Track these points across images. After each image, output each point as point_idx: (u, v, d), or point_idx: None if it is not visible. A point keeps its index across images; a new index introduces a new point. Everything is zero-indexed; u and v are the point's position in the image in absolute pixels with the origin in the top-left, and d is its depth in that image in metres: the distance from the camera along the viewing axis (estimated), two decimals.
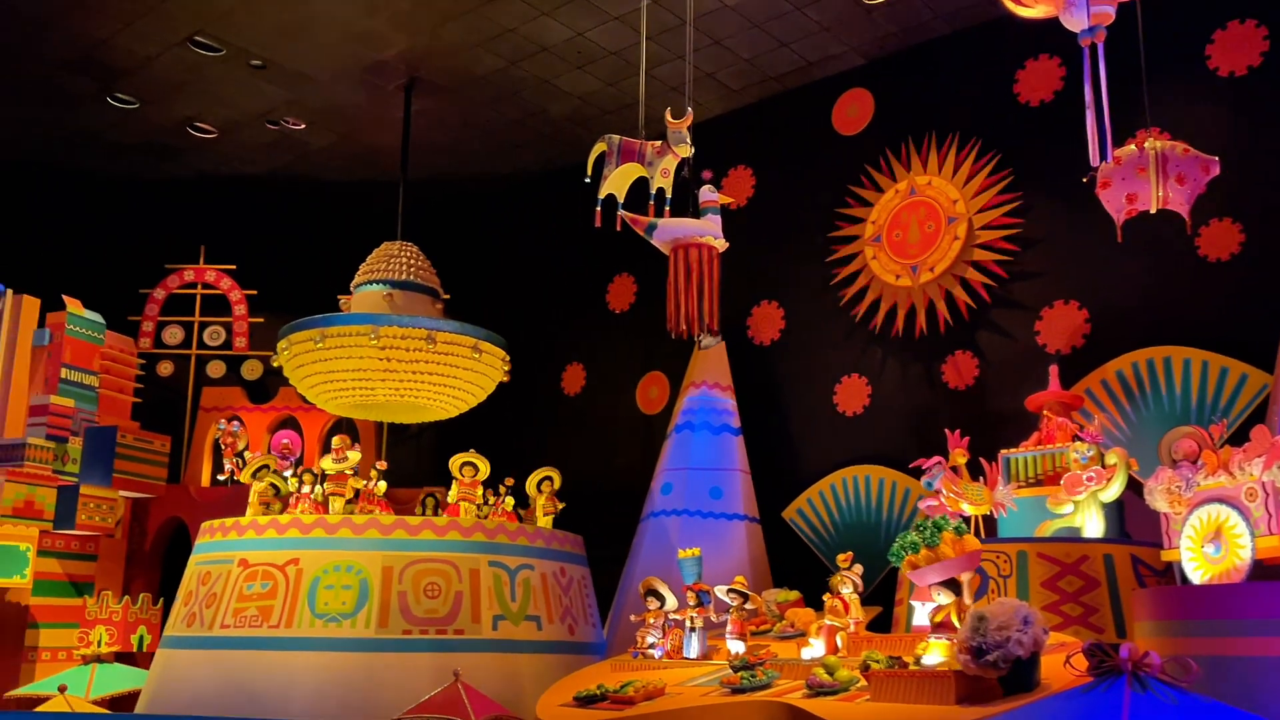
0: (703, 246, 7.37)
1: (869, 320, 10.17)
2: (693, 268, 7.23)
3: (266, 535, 8.86)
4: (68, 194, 13.05)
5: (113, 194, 13.22)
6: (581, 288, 12.56)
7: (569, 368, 12.65)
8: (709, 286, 7.25)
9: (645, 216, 7.39)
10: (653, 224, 7.42)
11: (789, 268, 10.89)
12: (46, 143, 12.22)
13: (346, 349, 9.58)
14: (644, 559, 9.95)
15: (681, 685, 7.28)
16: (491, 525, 9.13)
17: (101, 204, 13.23)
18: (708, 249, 7.39)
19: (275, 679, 8.26)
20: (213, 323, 13.08)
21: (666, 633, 8.31)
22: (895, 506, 9.59)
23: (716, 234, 7.50)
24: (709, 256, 7.35)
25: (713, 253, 7.42)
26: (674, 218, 7.37)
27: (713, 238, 7.45)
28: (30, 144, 12.23)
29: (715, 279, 7.32)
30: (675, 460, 10.28)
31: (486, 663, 8.59)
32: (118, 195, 13.26)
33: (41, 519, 10.48)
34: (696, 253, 7.33)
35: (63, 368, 11.11)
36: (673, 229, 7.38)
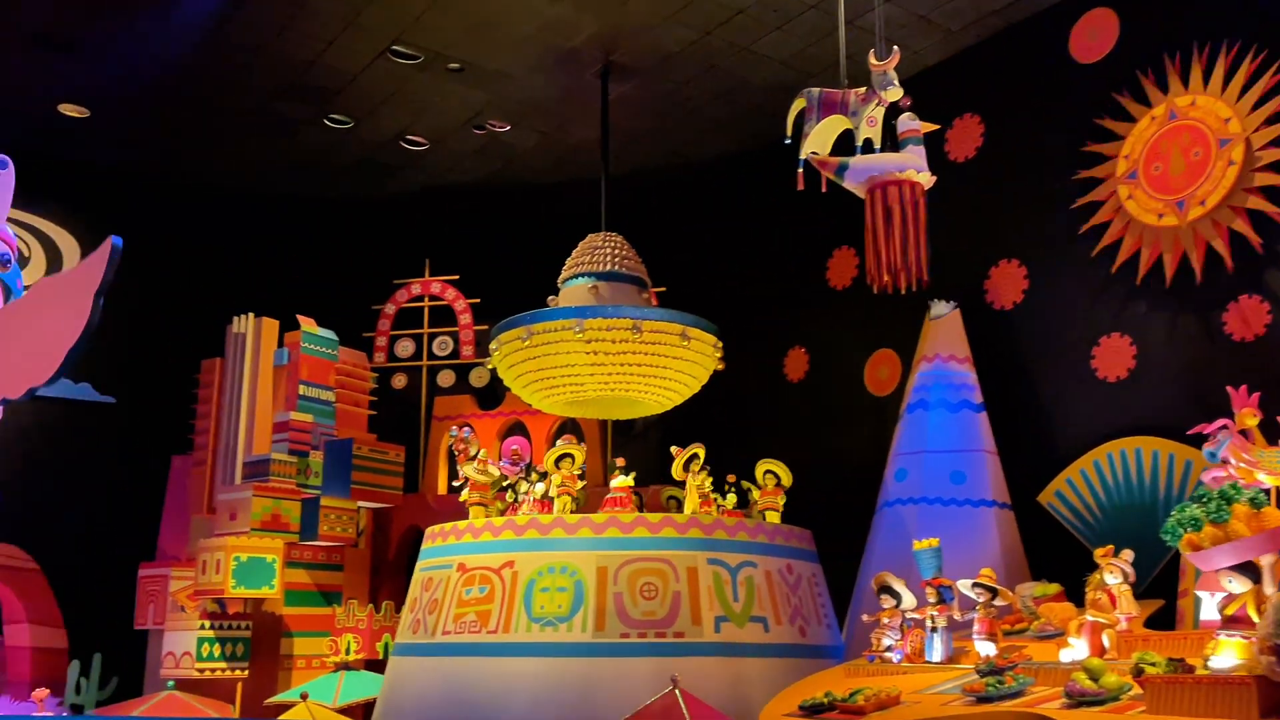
0: (904, 183, 6.40)
1: (1128, 271, 8.81)
2: (893, 208, 6.29)
3: (483, 539, 8.71)
4: (297, 219, 13.69)
5: (339, 215, 13.76)
6: (799, 266, 11.79)
7: (790, 352, 11.89)
8: (914, 229, 6.28)
9: (834, 158, 6.56)
10: (843, 164, 6.56)
11: (1028, 220, 9.66)
12: (272, 170, 12.84)
13: (553, 345, 9.33)
14: (879, 553, 9.07)
15: (920, 693, 6.45)
16: (708, 520, 8.56)
17: (330, 226, 13.79)
18: (910, 185, 6.40)
19: (494, 686, 8.05)
20: (441, 333, 13.31)
21: (905, 634, 7.46)
22: (1174, 483, 8.20)
23: (920, 167, 6.50)
24: (912, 195, 6.38)
25: (917, 190, 6.44)
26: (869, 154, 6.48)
27: (915, 171, 6.46)
28: (258, 173, 12.90)
29: (922, 220, 6.35)
30: (909, 443, 9.33)
31: (709, 668, 8.02)
32: (344, 216, 13.78)
33: (288, 531, 10.91)
34: (896, 191, 6.37)
35: (300, 384, 11.58)
36: (868, 166, 6.46)
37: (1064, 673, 5.64)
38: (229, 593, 10.20)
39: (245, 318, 11.79)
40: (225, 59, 10.42)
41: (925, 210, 6.40)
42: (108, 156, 12.41)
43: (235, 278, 13.08)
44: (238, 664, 10.47)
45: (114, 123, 11.63)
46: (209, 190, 13.23)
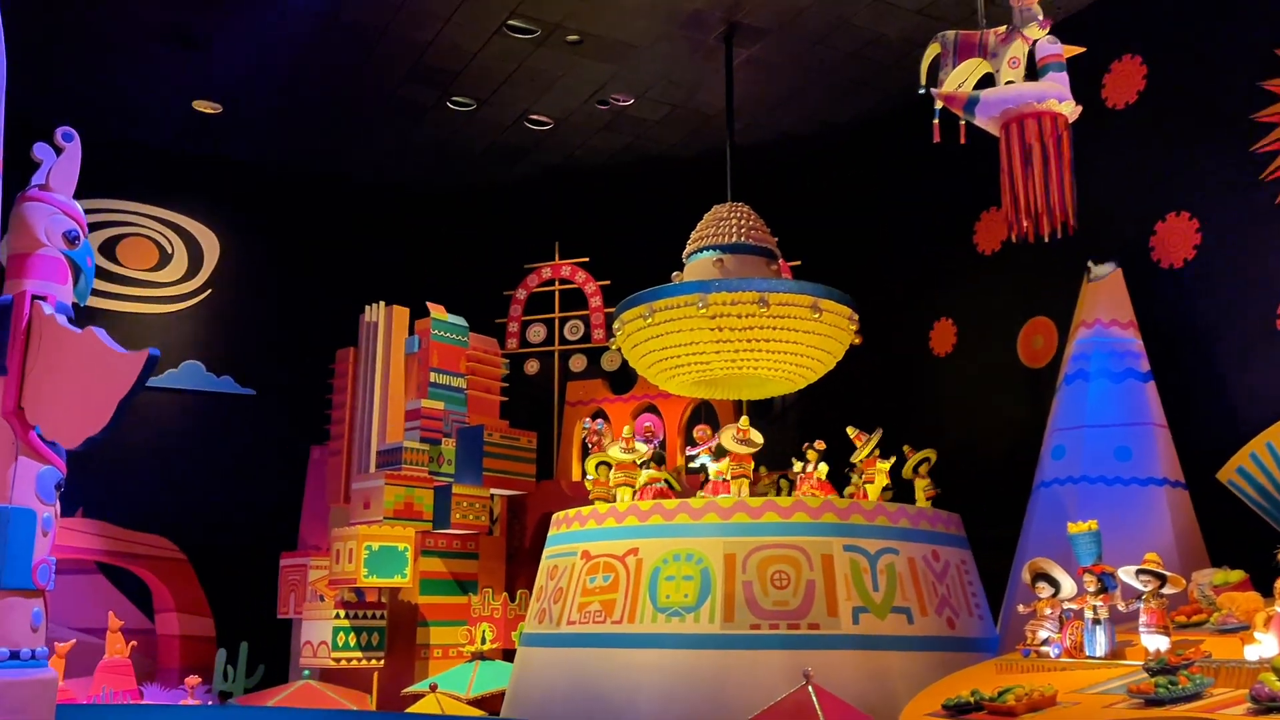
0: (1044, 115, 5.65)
1: None
2: (1032, 145, 5.57)
3: (606, 525, 8.39)
4: (429, 207, 13.73)
5: (469, 201, 13.73)
6: (944, 231, 11.00)
7: (937, 324, 11.11)
8: (1058, 167, 5.53)
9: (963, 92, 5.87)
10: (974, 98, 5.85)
11: (1200, 168, 8.66)
12: (402, 159, 12.87)
13: (676, 322, 8.91)
14: (1035, 538, 8.29)
15: (1079, 692, 5.76)
16: (843, 505, 7.98)
17: (460, 212, 13.79)
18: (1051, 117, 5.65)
19: (621, 680, 7.71)
20: (571, 317, 13.09)
21: (1064, 626, 6.74)
22: None
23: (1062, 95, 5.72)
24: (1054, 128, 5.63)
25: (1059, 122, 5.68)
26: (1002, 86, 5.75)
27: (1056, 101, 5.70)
28: (388, 162, 12.96)
29: (1066, 157, 5.58)
30: (1068, 417, 8.50)
31: (848, 662, 7.46)
32: (474, 202, 13.74)
33: (420, 520, 10.87)
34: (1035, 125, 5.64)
35: (431, 372, 11.53)
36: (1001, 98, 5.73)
37: (1250, 672, 4.89)
38: (361, 582, 10.23)
39: (377, 306, 11.84)
40: (347, 45, 10.44)
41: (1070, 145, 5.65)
42: (242, 151, 12.70)
43: (370, 267, 13.22)
44: (373, 653, 10.49)
45: (246, 117, 11.86)
46: (341, 181, 13.40)
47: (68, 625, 11.26)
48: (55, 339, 4.45)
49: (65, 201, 4.85)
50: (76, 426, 4.29)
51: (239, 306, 12.98)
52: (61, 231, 4.77)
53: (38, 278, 4.68)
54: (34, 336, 4.50)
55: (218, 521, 12.10)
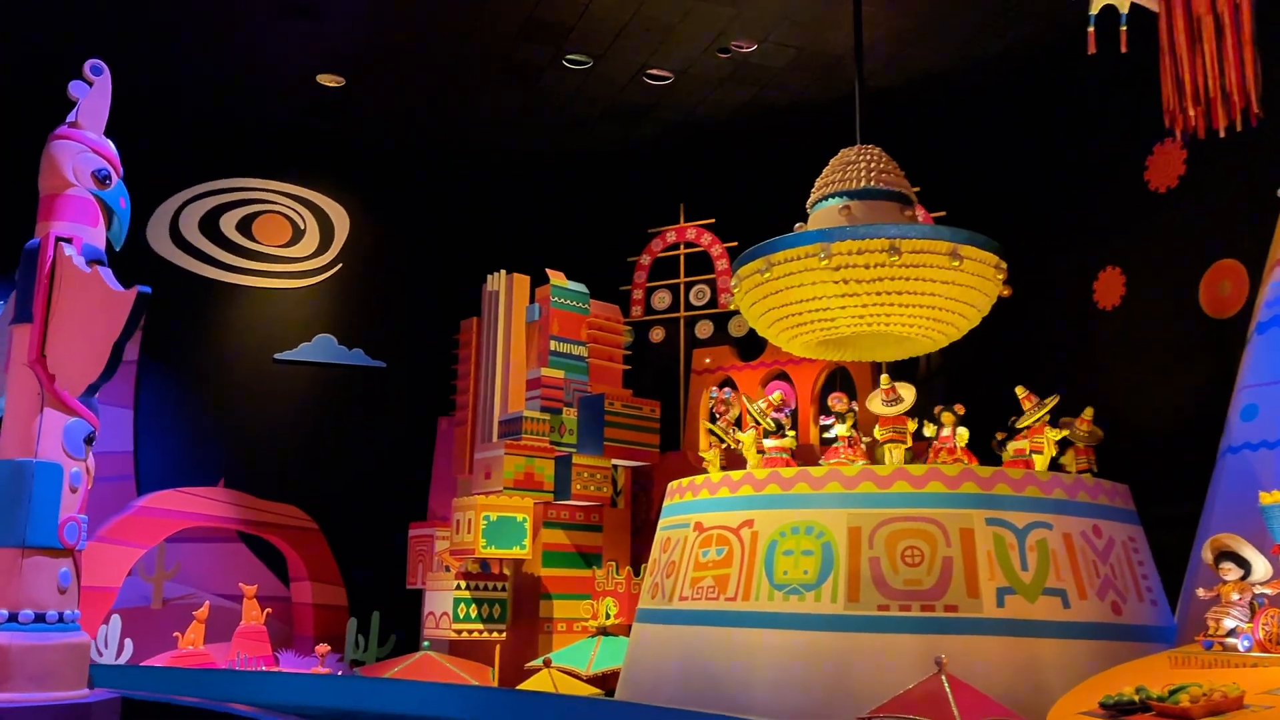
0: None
1: None
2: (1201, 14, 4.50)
3: (720, 494, 7.74)
4: (551, 172, 13.31)
5: (591, 165, 13.22)
6: (1108, 170, 9.76)
7: (1102, 274, 9.88)
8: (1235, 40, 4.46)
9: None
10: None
11: None
12: (520, 124, 12.44)
13: (797, 275, 8.11)
14: (1220, 511, 7.16)
15: (1274, 694, 4.81)
16: (986, 473, 7.07)
17: (582, 176, 13.31)
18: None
19: (735, 661, 7.07)
20: (697, 282, 12.43)
21: (1256, 614, 5.72)
22: None
23: None
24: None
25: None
26: None
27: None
28: (507, 128, 12.55)
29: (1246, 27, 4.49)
30: (1262, 371, 7.30)
31: (991, 649, 6.61)
32: (596, 165, 13.22)
33: (541, 490, 10.49)
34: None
35: (551, 340, 11.12)
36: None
37: None
38: (480, 552, 9.92)
39: (498, 275, 11.52)
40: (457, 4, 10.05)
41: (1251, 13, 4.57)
42: (365, 124, 12.57)
43: (494, 236, 12.95)
44: (495, 626, 10.19)
45: (367, 89, 11.70)
46: (461, 149, 13.12)
47: (210, 591, 11.49)
48: (72, 282, 4.13)
49: (96, 139, 4.52)
50: (81, 372, 3.95)
51: (368, 279, 12.94)
52: (91, 170, 4.45)
53: (65, 219, 4.38)
54: (57, 282, 4.19)
55: (350, 492, 12.11)
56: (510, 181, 13.33)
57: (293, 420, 12.37)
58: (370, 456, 12.32)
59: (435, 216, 13.15)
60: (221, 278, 12.33)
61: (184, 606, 10.98)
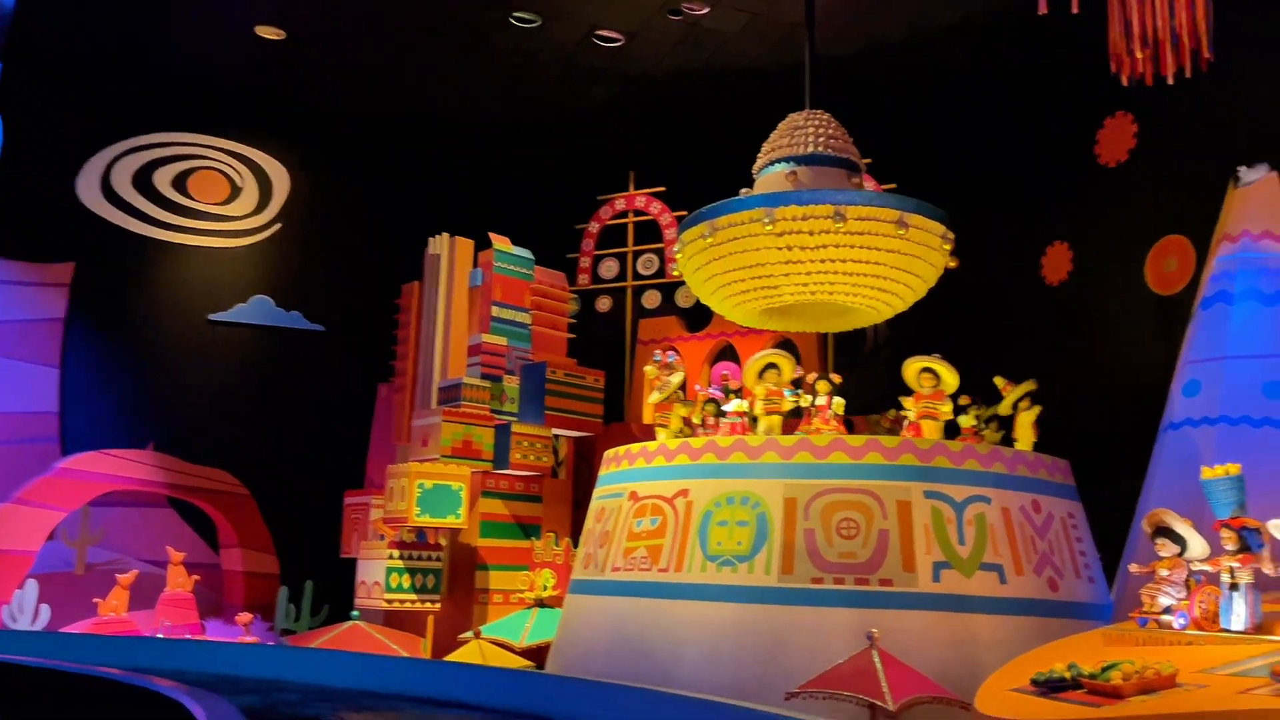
0: None
1: None
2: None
3: (656, 464, 7.53)
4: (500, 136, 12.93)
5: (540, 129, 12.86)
6: (1058, 143, 9.62)
7: (1050, 249, 9.79)
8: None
9: None
10: None
11: None
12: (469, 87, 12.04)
13: (741, 241, 7.91)
14: (1160, 487, 7.10)
15: (1208, 673, 4.68)
16: (925, 445, 6.91)
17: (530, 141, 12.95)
18: None
19: (665, 633, 6.88)
20: (646, 251, 12.17)
21: (1192, 591, 5.63)
22: None
23: None
24: None
25: None
26: None
27: None
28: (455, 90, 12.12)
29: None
30: (1205, 347, 7.24)
31: (924, 625, 6.49)
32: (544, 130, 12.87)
33: (479, 459, 10.23)
34: None
35: (494, 306, 10.83)
36: None
37: None
38: (413, 521, 9.65)
39: (440, 238, 11.18)
40: None
41: None
42: (306, 82, 12.11)
43: (439, 200, 12.61)
44: (429, 596, 9.94)
45: (309, 45, 11.24)
46: (408, 111, 12.71)
47: (137, 557, 11.13)
48: None
49: None
50: None
51: (308, 241, 12.56)
52: None
53: None
54: None
55: (285, 458, 11.77)
56: (456, 143, 12.96)
57: (227, 383, 12.00)
58: (307, 422, 11.98)
59: (378, 177, 12.77)
60: (155, 235, 11.89)
61: (109, 573, 10.59)
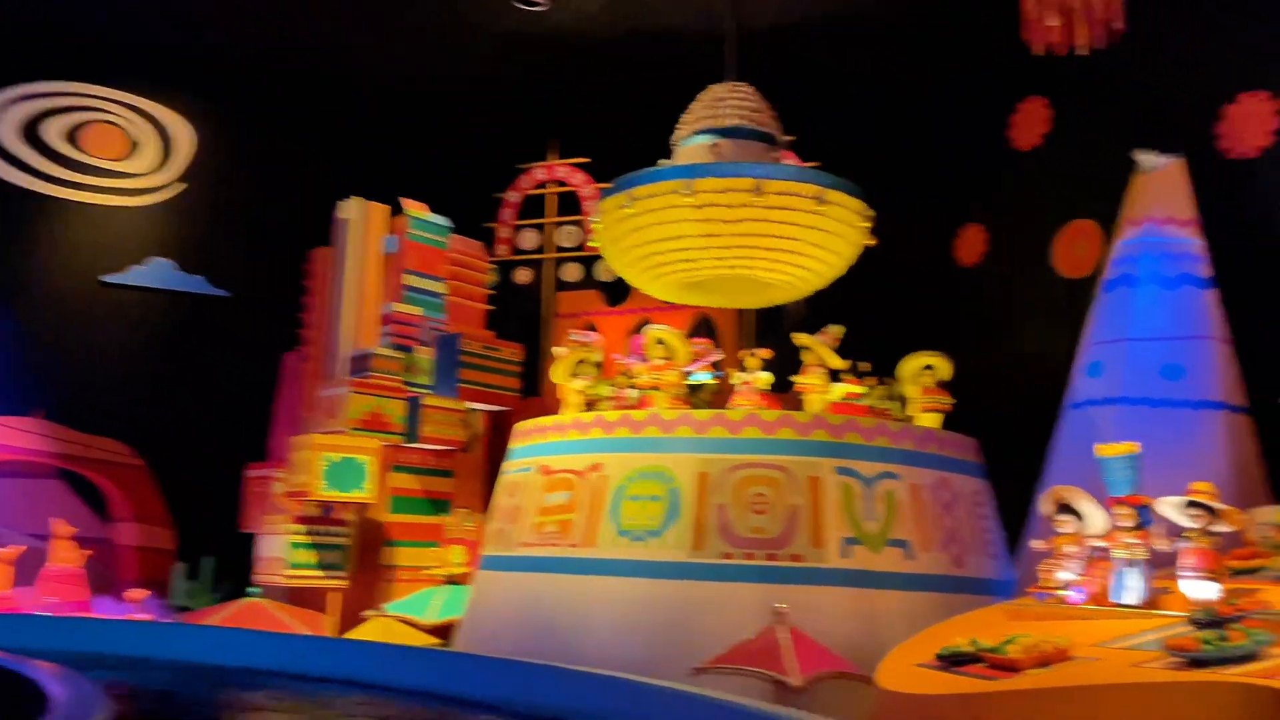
0: None
1: None
2: None
3: (569, 437, 7.41)
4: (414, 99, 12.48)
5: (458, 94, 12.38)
6: (975, 127, 9.68)
7: (963, 231, 9.88)
8: None
9: None
10: None
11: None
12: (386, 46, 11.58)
13: (659, 212, 7.81)
14: (1062, 466, 7.20)
15: (1102, 646, 4.74)
16: (837, 421, 6.91)
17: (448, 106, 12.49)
18: None
19: (573, 610, 6.80)
20: (567, 223, 11.98)
21: (1089, 567, 5.69)
22: None
23: None
24: None
25: None
26: None
27: None
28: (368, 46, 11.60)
29: None
30: (1108, 329, 7.37)
31: (833, 601, 6.51)
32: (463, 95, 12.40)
33: (389, 432, 9.96)
34: None
35: (407, 274, 10.56)
36: None
37: None
38: (317, 494, 9.35)
39: (352, 202, 10.83)
40: None
41: None
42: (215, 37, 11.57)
43: (351, 162, 12.13)
44: (334, 573, 9.66)
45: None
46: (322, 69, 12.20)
47: (24, 531, 10.59)
48: None
49: None
50: None
51: (214, 202, 12.04)
52: None
53: None
54: None
55: (184, 429, 11.28)
56: (372, 105, 12.54)
57: (124, 349, 11.48)
58: (208, 391, 11.52)
59: (289, 138, 12.29)
60: (44, 190, 11.28)
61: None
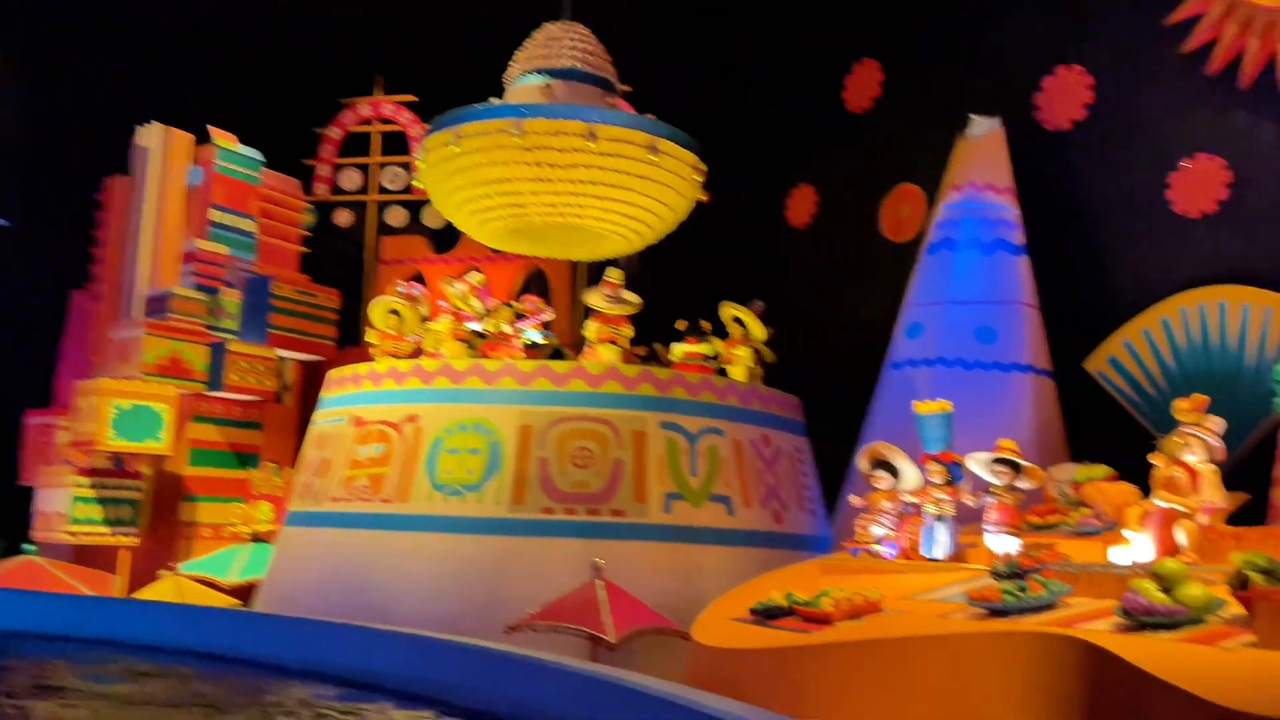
0: None
1: (1228, 73, 6.77)
2: None
3: (384, 386, 7.03)
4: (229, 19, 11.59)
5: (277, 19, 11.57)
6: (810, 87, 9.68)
7: (795, 191, 9.93)
8: None
9: None
10: None
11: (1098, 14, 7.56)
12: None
13: (488, 152, 7.45)
14: (880, 425, 7.32)
15: (911, 599, 4.78)
16: (664, 375, 6.80)
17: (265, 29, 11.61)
18: None
19: (385, 566, 6.48)
20: (393, 163, 11.38)
21: (901, 522, 5.76)
22: (1270, 345, 6.32)
23: None
24: None
25: None
26: None
27: None
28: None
29: None
30: (928, 291, 7.51)
31: (654, 556, 6.42)
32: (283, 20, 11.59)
33: (189, 379, 9.27)
34: None
35: (213, 209, 9.80)
36: None
37: (1117, 580, 3.94)
38: (105, 445, 8.62)
39: (152, 128, 9.95)
40: None
41: None
42: None
43: (154, 85, 11.12)
44: (124, 529, 8.97)
45: None
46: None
47: None
48: None
49: None
50: None
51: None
52: None
53: None
54: None
55: None
56: (179, 25, 11.52)
57: None
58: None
59: (84, 54, 11.16)
60: None
61: None
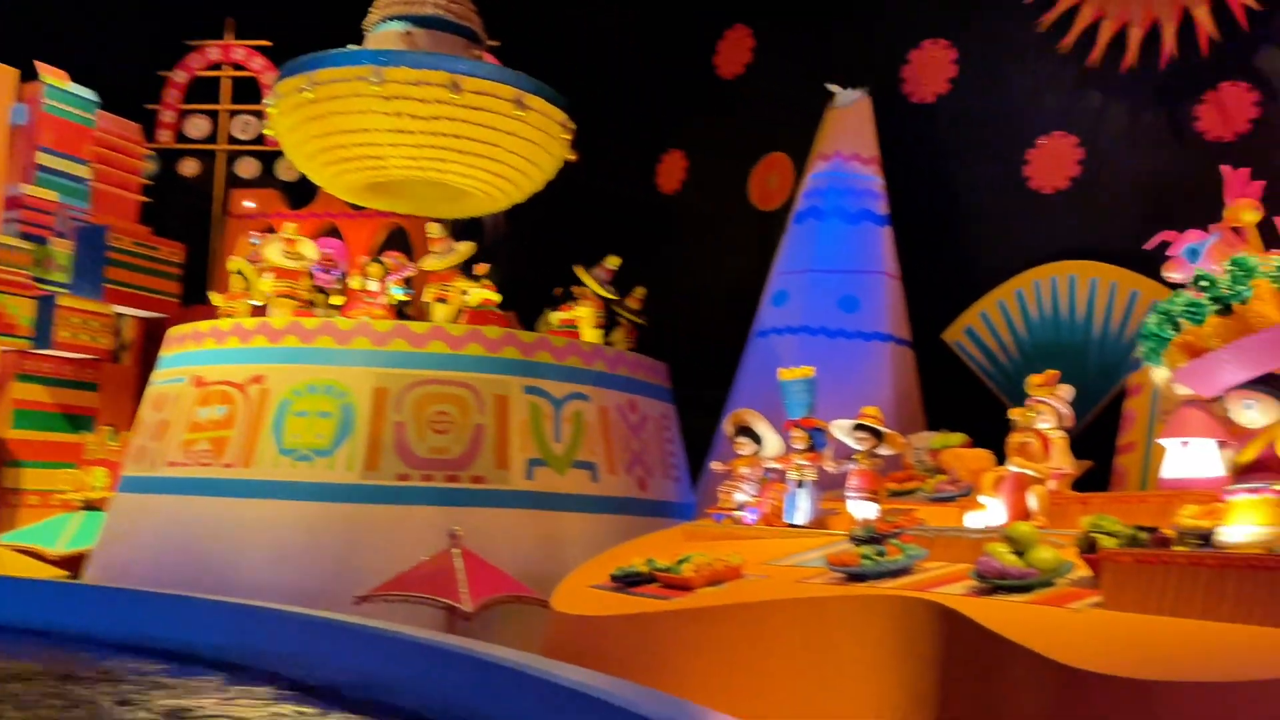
0: None
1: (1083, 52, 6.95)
2: None
3: (228, 345, 6.63)
4: None
5: None
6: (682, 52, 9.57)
7: (665, 157, 9.83)
8: None
9: None
10: None
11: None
12: None
13: (344, 100, 7.08)
14: (745, 392, 7.32)
15: (771, 564, 4.75)
16: (529, 339, 6.62)
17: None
18: None
19: (227, 535, 6.12)
20: (244, 111, 10.78)
21: (764, 489, 5.74)
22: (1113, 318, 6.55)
23: None
24: None
25: None
26: None
27: None
28: None
29: None
30: (794, 259, 7.53)
31: (515, 523, 6.26)
32: None
33: (13, 335, 8.61)
34: None
35: (40, 152, 9.09)
36: None
37: (971, 544, 3.97)
38: None
39: None
40: None
41: None
42: None
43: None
44: None
45: None
46: None
47: None
48: None
49: None
50: None
51: None
52: None
53: None
54: None
55: None
56: None
57: None
58: None
59: None
60: None
61: None
